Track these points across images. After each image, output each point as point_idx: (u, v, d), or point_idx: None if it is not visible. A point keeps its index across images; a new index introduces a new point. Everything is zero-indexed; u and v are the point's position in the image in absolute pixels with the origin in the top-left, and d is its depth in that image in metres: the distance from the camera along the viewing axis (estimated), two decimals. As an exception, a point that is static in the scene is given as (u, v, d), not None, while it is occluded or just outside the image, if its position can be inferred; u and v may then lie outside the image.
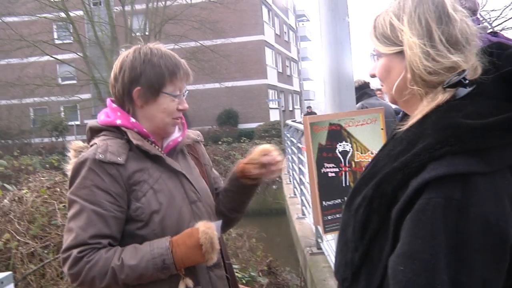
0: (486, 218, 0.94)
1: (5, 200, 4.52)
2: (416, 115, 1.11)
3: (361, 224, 1.10)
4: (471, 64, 1.08)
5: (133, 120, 1.70)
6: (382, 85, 1.26)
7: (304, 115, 21.40)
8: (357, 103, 5.14)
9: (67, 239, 1.57)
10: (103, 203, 1.58)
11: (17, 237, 4.12)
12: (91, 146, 1.67)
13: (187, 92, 1.79)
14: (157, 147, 1.74)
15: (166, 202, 1.66)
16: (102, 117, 1.74)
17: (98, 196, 1.58)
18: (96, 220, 1.56)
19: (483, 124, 0.99)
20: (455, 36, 1.09)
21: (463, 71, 1.06)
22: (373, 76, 1.28)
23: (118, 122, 1.69)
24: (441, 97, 1.07)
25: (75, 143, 1.78)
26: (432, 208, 0.96)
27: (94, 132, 1.75)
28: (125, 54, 1.72)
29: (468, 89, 1.07)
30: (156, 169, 1.69)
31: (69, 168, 1.69)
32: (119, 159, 1.61)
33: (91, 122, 1.78)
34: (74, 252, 1.54)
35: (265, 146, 1.89)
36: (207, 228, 1.62)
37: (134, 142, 1.65)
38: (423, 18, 1.10)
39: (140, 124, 1.70)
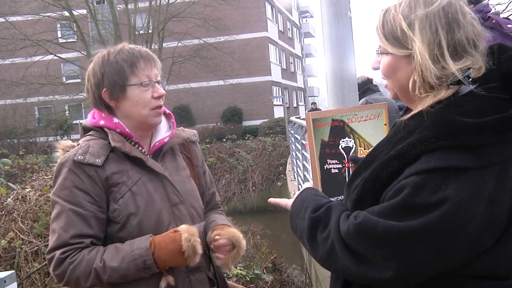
0: (457, 202, 1.02)
1: (9, 199, 4.53)
2: (419, 107, 1.16)
3: (354, 203, 1.20)
4: (478, 65, 1.12)
5: (116, 120, 1.71)
6: (384, 78, 1.28)
7: (308, 111, 21.32)
8: (360, 99, 5.12)
9: (51, 240, 1.60)
10: (83, 203, 1.60)
11: (21, 236, 4.14)
12: (77, 145, 1.69)
13: (164, 79, 1.78)
14: (140, 148, 1.73)
15: (143, 204, 1.66)
16: (90, 118, 1.77)
17: (78, 197, 1.60)
18: (77, 220, 1.58)
19: (477, 123, 1.05)
20: (461, 42, 1.12)
21: (468, 69, 1.11)
22: (375, 69, 1.30)
23: (102, 122, 1.71)
24: (444, 93, 1.12)
25: (63, 142, 1.80)
26: (408, 185, 1.06)
27: (86, 130, 1.78)
28: (90, 65, 1.75)
29: (471, 87, 1.11)
30: (136, 171, 1.69)
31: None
32: (97, 160, 1.63)
33: (84, 121, 1.80)
34: (57, 253, 1.56)
35: (235, 235, 1.79)
36: (190, 235, 1.61)
37: (113, 143, 1.66)
38: (433, 25, 1.13)
39: (122, 124, 1.70)
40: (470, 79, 1.11)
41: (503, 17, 2.48)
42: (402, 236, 1.05)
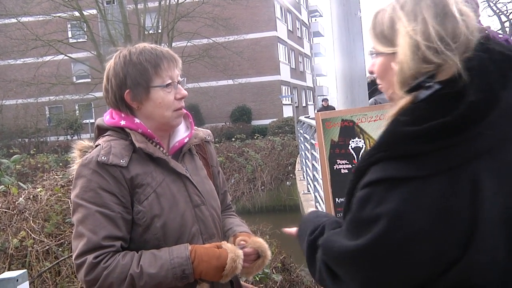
0: (397, 214, 0.99)
1: (20, 199, 4.55)
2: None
3: (343, 214, 1.19)
4: (450, 65, 1.05)
5: (137, 120, 1.66)
6: (379, 83, 1.25)
7: (317, 110, 21.10)
8: (369, 98, 5.10)
9: (79, 244, 1.54)
10: (110, 204, 1.55)
11: (33, 235, 4.16)
12: (96, 146, 1.65)
13: (183, 79, 1.73)
14: (161, 148, 1.69)
15: (168, 206, 1.63)
16: (107, 117, 1.72)
17: (104, 198, 1.55)
18: (105, 222, 1.53)
19: (412, 131, 1.01)
20: (450, 33, 1.06)
21: (428, 71, 1.06)
22: (371, 73, 1.29)
23: (123, 123, 1.66)
24: (404, 101, 1.08)
25: (80, 142, 1.74)
26: (356, 200, 1.07)
27: (101, 130, 1.73)
28: (109, 64, 1.70)
29: (428, 92, 1.06)
30: (159, 172, 1.65)
31: (74, 168, 1.66)
32: (121, 161, 1.58)
33: (98, 120, 1.76)
34: (89, 257, 1.50)
35: (261, 246, 1.77)
36: (236, 256, 1.61)
37: (137, 144, 1.61)
38: (419, 14, 1.09)
39: (144, 125, 1.66)
40: (431, 83, 1.05)
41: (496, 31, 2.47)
42: (353, 255, 1.05)
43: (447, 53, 1.05)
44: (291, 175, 16.87)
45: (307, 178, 10.03)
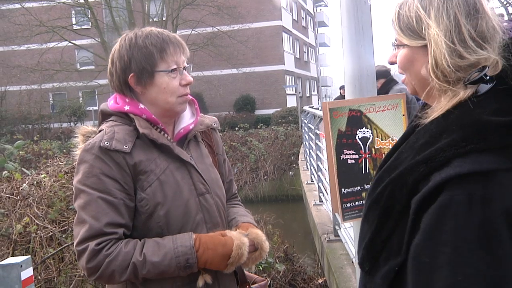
0: (509, 212, 0.95)
1: (24, 184, 4.56)
2: (438, 109, 1.11)
3: (383, 211, 1.13)
4: (493, 59, 1.07)
5: (142, 106, 1.63)
6: (401, 73, 1.26)
7: (335, 98, 20.96)
8: (383, 90, 5.06)
9: (80, 231, 1.51)
10: (112, 191, 1.52)
11: (36, 221, 4.17)
12: (99, 131, 1.62)
13: (190, 65, 1.70)
14: (166, 135, 1.67)
15: (171, 194, 1.60)
16: (111, 103, 1.69)
17: (107, 184, 1.52)
18: (108, 208, 1.51)
19: (508, 122, 1.00)
20: (484, 31, 1.07)
21: (484, 67, 1.06)
22: (392, 63, 1.28)
23: (127, 108, 1.63)
24: (463, 93, 1.07)
25: (83, 127, 1.72)
26: (456, 204, 0.97)
27: (105, 116, 1.70)
28: (114, 47, 1.67)
29: (489, 86, 1.07)
30: (163, 159, 1.62)
31: (77, 153, 1.63)
32: (124, 147, 1.55)
33: (102, 105, 1.73)
34: (91, 244, 1.48)
35: (258, 237, 1.74)
36: (242, 243, 1.60)
37: (141, 130, 1.58)
38: (451, 12, 1.08)
39: (148, 110, 1.63)
40: (488, 77, 1.06)
41: None
42: None
43: (482, 52, 1.06)
44: (294, 165, 16.88)
45: (310, 168, 10.01)
